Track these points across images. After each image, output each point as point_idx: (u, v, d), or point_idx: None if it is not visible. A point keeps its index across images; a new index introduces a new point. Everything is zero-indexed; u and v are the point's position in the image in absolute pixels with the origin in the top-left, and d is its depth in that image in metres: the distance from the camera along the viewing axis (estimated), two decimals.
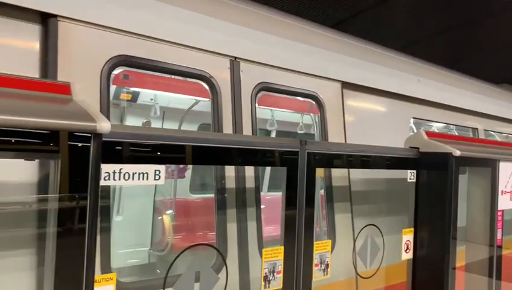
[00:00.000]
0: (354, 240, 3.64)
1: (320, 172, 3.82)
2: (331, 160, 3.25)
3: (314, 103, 4.16)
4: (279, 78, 3.91)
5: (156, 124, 6.24)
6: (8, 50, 2.63)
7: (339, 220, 4.06)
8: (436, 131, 6.12)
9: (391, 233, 4.02)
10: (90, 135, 1.84)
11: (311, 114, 5.20)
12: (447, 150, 3.70)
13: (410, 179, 3.87)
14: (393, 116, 5.01)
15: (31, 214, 2.40)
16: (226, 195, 3.37)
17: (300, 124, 7.05)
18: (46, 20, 2.69)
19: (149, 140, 2.23)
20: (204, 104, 6.49)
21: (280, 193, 5.44)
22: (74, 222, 1.83)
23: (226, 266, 2.88)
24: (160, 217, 6.24)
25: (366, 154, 3.39)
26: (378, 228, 3.75)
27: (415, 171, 3.87)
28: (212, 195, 6.82)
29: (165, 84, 3.71)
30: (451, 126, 6.13)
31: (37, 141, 1.81)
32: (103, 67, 2.86)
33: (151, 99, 5.65)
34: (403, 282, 4.08)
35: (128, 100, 5.55)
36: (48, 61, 2.66)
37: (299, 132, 7.03)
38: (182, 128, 6.58)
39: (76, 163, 1.83)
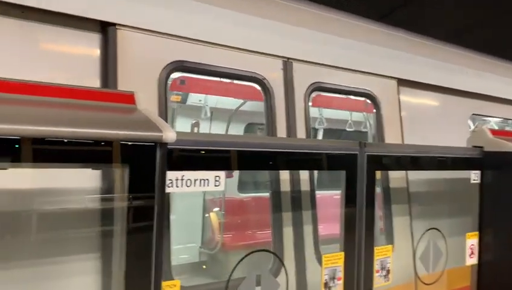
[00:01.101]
0: (417, 243, 3.49)
1: (376, 173, 3.69)
2: (392, 162, 3.13)
3: (369, 101, 4.03)
4: (332, 78, 3.81)
5: (204, 124, 6.29)
6: (70, 59, 2.70)
7: (397, 223, 3.92)
8: (496, 127, 5.80)
9: (452, 236, 3.83)
10: (156, 144, 1.84)
11: (364, 113, 5.06)
12: None
13: (474, 180, 3.67)
14: (452, 113, 4.77)
15: (96, 220, 2.46)
16: (281, 196, 3.33)
17: (350, 121, 6.90)
18: (105, 29, 2.74)
19: (212, 146, 2.22)
20: (251, 104, 6.50)
21: (329, 192, 5.37)
22: (142, 229, 1.84)
23: (286, 272, 2.84)
24: (209, 216, 6.29)
25: (428, 156, 3.24)
26: (440, 232, 3.58)
27: (479, 172, 3.67)
28: (260, 194, 6.84)
29: (219, 88, 3.71)
30: (510, 121, 5.78)
31: (105, 151, 1.83)
32: (160, 73, 2.88)
33: (200, 100, 5.69)
34: (466, 287, 3.89)
35: (178, 102, 5.62)
36: (108, 68, 2.71)
37: (348, 129, 6.88)
38: (229, 127, 6.61)
39: (143, 171, 1.85)
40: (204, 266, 6.07)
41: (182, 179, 2.28)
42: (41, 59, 2.58)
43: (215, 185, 2.38)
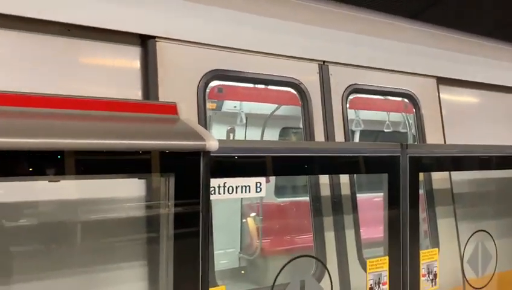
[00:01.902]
0: (465, 246, 3.38)
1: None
2: (435, 163, 3.05)
3: (408, 101, 3.95)
4: (369, 79, 3.76)
5: (239, 130, 6.34)
6: (112, 73, 2.79)
7: (441, 226, 3.81)
8: None
9: (501, 237, 3.69)
10: (200, 152, 1.88)
11: (403, 113, 4.96)
12: None
13: None
14: (495, 110, 4.61)
15: (142, 228, 2.52)
16: (321, 200, 3.31)
17: (387, 122, 6.77)
18: (145, 42, 2.82)
19: (253, 153, 2.24)
20: (286, 108, 6.50)
21: (368, 195, 5.26)
22: (188, 235, 1.88)
23: (330, 277, 2.81)
24: (247, 221, 6.32)
25: (473, 155, 3.14)
26: (489, 234, 3.46)
27: None
28: (297, 198, 6.80)
29: (256, 94, 3.73)
30: None
31: (151, 160, 1.89)
32: (199, 82, 2.93)
33: (235, 106, 5.74)
34: None
35: (213, 109, 5.69)
36: (149, 80, 2.78)
37: (385, 130, 6.76)
38: (264, 132, 6.63)
39: (187, 179, 1.89)
40: (243, 271, 6.09)
41: (224, 186, 2.31)
42: (84, 74, 2.68)
43: (257, 191, 2.40)
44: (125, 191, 2.58)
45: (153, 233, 2.49)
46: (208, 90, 3.04)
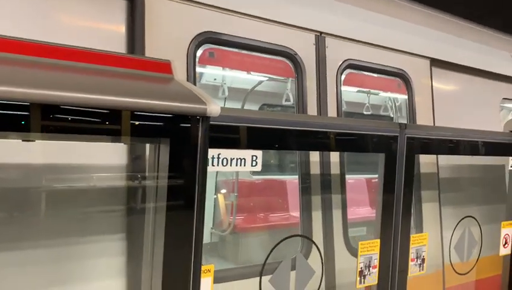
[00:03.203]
0: (453, 232, 3.34)
1: None
2: (432, 146, 2.94)
3: (402, 81, 3.83)
4: (364, 55, 3.60)
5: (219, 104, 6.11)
6: (95, 27, 2.51)
7: (426, 210, 3.75)
8: None
9: (484, 224, 3.67)
10: (199, 117, 1.66)
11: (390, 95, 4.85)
12: None
13: (511, 166, 3.49)
14: (483, 96, 4.57)
15: (126, 199, 2.31)
16: (311, 179, 3.16)
17: (367, 104, 6.69)
18: None
19: (253, 124, 2.04)
20: (268, 84, 6.30)
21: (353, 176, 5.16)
22: (182, 208, 1.69)
23: (321, 256, 2.69)
24: (218, 197, 6.19)
25: (469, 140, 3.05)
26: (475, 219, 3.42)
27: None
28: (273, 177, 6.68)
29: (250, 62, 3.50)
30: None
31: (144, 123, 1.66)
32: (190, 44, 2.69)
33: (215, 79, 5.50)
34: (497, 275, 3.74)
35: None
36: (135, 38, 2.52)
37: (365, 112, 6.67)
38: (244, 108, 6.43)
39: (184, 147, 1.67)
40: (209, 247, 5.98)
41: (219, 158, 2.11)
42: (62, 28, 2.39)
43: (252, 165, 2.21)
44: (106, 158, 2.35)
45: (136, 204, 2.28)
46: (198, 54, 2.80)
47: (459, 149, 3.06)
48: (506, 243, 3.53)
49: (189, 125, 1.67)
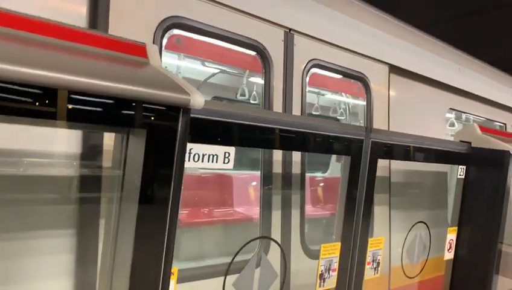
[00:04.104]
0: (406, 235, 3.42)
1: None
2: (395, 151, 2.98)
3: (361, 85, 3.87)
4: (329, 56, 3.59)
5: None
6: (52, 2, 2.25)
7: (377, 213, 3.83)
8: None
9: (433, 227, 3.82)
10: (180, 109, 1.52)
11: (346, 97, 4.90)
12: (504, 148, 3.47)
13: (460, 175, 3.64)
14: (433, 106, 4.75)
15: (77, 189, 2.09)
16: (272, 177, 3.09)
17: (316, 105, 6.77)
18: None
19: (228, 118, 1.91)
20: (221, 77, 6.16)
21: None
22: (156, 203, 1.53)
23: (285, 257, 2.62)
24: None
25: (428, 147, 3.13)
26: (426, 225, 3.54)
27: (464, 167, 3.64)
28: (220, 171, 6.55)
29: (218, 52, 3.35)
30: (482, 119, 5.92)
31: (114, 111, 1.48)
32: (156, 28, 2.50)
33: (166, 68, 5.26)
34: (439, 276, 3.90)
35: None
36: (97, 18, 2.29)
37: (314, 113, 6.74)
38: None
39: (161, 139, 1.52)
40: None
41: (190, 153, 1.97)
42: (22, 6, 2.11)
43: (224, 163, 2.09)
44: (60, 145, 2.12)
45: (92, 198, 2.08)
46: (164, 40, 2.62)
47: (419, 156, 3.13)
48: (450, 247, 3.68)
49: (169, 116, 1.52)
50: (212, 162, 2.03)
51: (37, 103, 1.32)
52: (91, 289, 2.01)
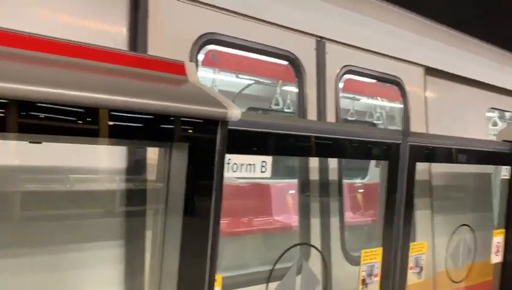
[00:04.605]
0: (449, 239, 3.36)
1: None
2: (435, 154, 2.94)
3: (397, 89, 3.84)
4: (362, 61, 3.60)
5: None
6: (95, 25, 2.39)
7: (418, 217, 3.77)
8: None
9: (477, 230, 3.72)
10: (218, 122, 1.59)
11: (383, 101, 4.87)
12: None
13: (504, 175, 3.54)
14: (472, 106, 4.64)
15: (127, 202, 2.21)
16: (310, 184, 3.12)
17: (351, 110, 6.73)
18: None
19: (265, 129, 1.97)
20: (256, 88, 6.25)
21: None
22: (198, 213, 1.61)
23: (326, 264, 2.64)
24: None
25: (469, 149, 3.07)
26: (470, 228, 3.45)
27: (509, 168, 3.54)
28: (258, 180, 6.62)
29: (251, 64, 3.44)
30: None
31: (157, 126, 1.57)
32: (193, 45, 2.60)
33: (202, 82, 5.40)
34: (488, 281, 3.78)
35: None
36: (137, 37, 2.42)
37: (349, 118, 6.70)
38: None
39: (202, 152, 1.60)
40: None
41: (228, 163, 2.04)
42: (62, 24, 2.26)
43: (261, 171, 2.15)
44: (107, 161, 2.24)
45: (140, 210, 2.18)
46: (200, 56, 2.73)
47: (459, 158, 3.08)
48: (497, 250, 3.57)
49: (208, 129, 1.59)
50: (250, 171, 2.10)
51: (87, 123, 1.43)
52: None
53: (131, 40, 2.42)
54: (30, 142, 1.51)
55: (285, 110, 5.92)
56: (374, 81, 3.86)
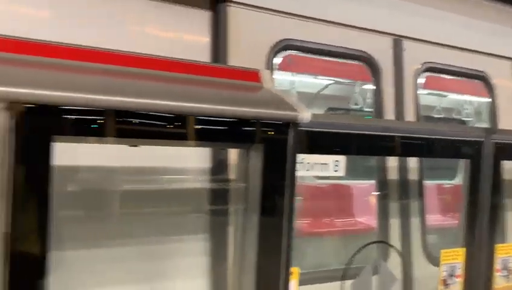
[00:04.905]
0: None
1: None
2: None
3: (483, 84, 3.67)
4: (442, 57, 3.50)
5: None
6: (179, 37, 2.64)
7: (510, 218, 3.57)
8: None
9: None
10: (290, 123, 1.72)
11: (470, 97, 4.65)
12: None
13: None
14: None
15: (210, 200, 2.41)
16: (388, 185, 3.12)
17: (438, 107, 6.43)
18: (215, 6, 2.65)
19: (339, 129, 2.06)
20: (335, 87, 6.25)
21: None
22: (273, 212, 1.75)
23: (405, 264, 2.64)
24: None
25: None
26: None
27: None
28: (338, 181, 6.61)
29: (327, 67, 3.53)
30: None
31: (235, 129, 1.74)
32: (269, 52, 2.76)
33: (277, 87, 5.54)
34: None
35: None
36: (218, 47, 2.62)
37: (435, 116, 6.42)
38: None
39: (275, 152, 1.74)
40: None
41: (302, 163, 2.15)
42: (146, 38, 2.53)
43: (334, 171, 2.23)
44: (191, 161, 2.47)
45: (222, 207, 2.38)
46: (276, 61, 2.87)
47: None
48: None
49: (281, 131, 1.73)
50: (323, 170, 2.19)
51: (177, 128, 1.64)
52: (223, 286, 2.30)
53: (214, 49, 2.63)
54: (130, 146, 1.76)
55: (365, 109, 5.86)
56: (457, 77, 3.72)
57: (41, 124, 1.25)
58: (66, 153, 1.42)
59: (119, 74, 1.72)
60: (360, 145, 2.16)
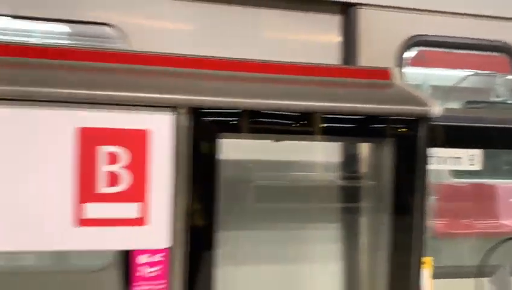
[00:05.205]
0: None
1: None
2: None
3: None
4: None
5: None
6: (312, 43, 2.86)
7: None
8: None
9: None
10: (419, 119, 1.84)
11: None
12: None
13: None
14: None
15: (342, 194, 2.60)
16: None
17: None
18: (345, 10, 2.81)
19: (472, 122, 2.08)
20: (473, 79, 5.89)
21: None
22: (405, 206, 1.87)
23: None
24: None
25: None
26: None
27: None
28: (478, 180, 6.18)
29: (461, 60, 3.45)
30: None
31: (367, 126, 1.91)
32: (399, 49, 2.83)
33: (409, 82, 5.44)
34: None
35: None
36: (349, 50, 2.78)
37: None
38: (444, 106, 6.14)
39: (407, 147, 1.86)
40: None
41: (431, 156, 2.21)
42: (275, 47, 2.77)
43: (470, 165, 2.24)
44: (326, 156, 2.68)
45: (353, 200, 2.55)
46: (407, 58, 2.92)
47: None
48: None
49: (412, 126, 1.84)
50: (456, 164, 2.22)
51: (312, 125, 1.87)
52: (354, 270, 2.47)
53: (345, 51, 2.80)
54: (275, 141, 2.03)
55: (509, 101, 5.45)
56: None
57: (211, 124, 1.60)
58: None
59: (265, 80, 2.02)
60: (494, 138, 2.14)
